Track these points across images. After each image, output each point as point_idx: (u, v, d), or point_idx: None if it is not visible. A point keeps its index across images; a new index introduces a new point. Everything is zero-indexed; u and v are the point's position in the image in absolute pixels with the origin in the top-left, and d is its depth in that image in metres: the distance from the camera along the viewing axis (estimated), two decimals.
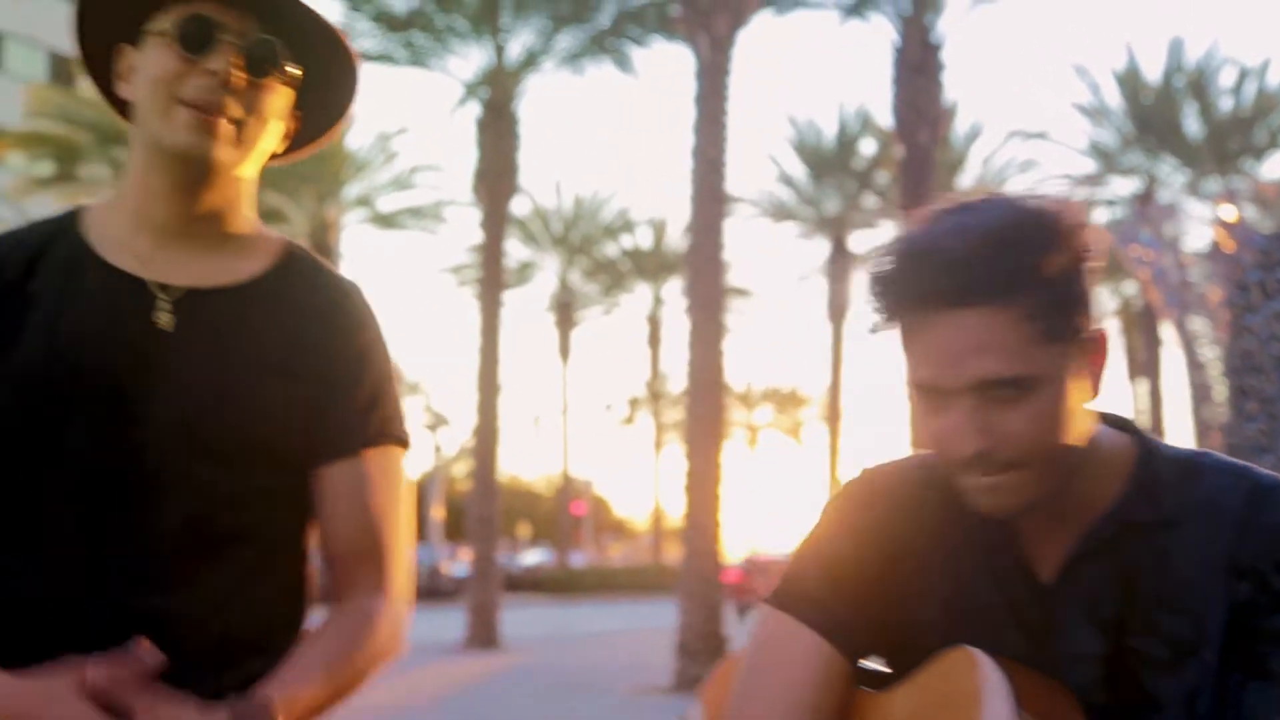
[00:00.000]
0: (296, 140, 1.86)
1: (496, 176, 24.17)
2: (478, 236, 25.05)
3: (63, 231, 1.76)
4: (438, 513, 58.76)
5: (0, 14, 47.40)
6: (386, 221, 44.47)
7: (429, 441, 66.32)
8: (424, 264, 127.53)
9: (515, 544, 62.84)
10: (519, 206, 24.17)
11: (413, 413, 76.06)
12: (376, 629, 1.72)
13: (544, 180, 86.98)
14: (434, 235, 48.21)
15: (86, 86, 34.65)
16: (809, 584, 1.62)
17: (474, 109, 24.66)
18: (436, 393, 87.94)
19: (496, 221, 24.30)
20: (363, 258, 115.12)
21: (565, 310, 51.25)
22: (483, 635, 22.63)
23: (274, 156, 1.83)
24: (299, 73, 1.77)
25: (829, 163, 34.10)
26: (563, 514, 54.71)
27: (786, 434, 74.36)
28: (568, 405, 53.26)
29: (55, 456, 1.65)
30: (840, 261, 33.73)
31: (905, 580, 1.61)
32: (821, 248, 35.36)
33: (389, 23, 25.04)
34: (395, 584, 1.77)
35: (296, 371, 1.74)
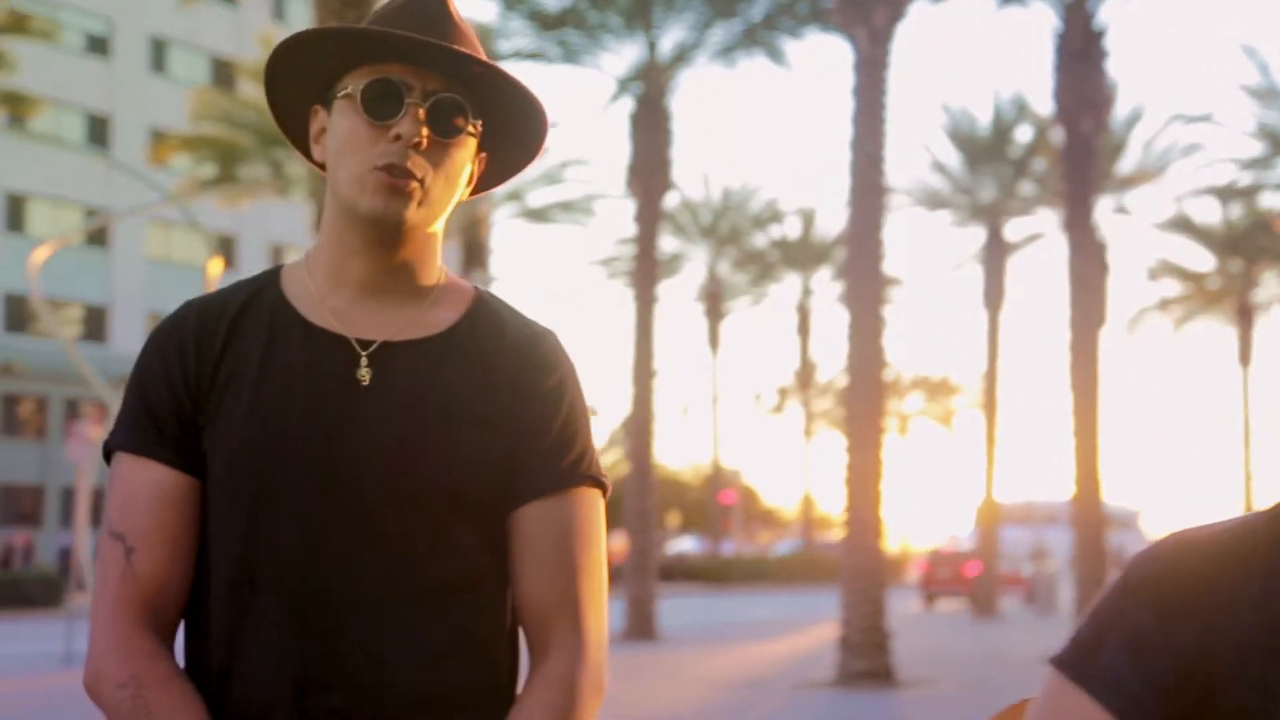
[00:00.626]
0: (482, 183, 1.89)
1: (649, 171, 24.25)
2: (628, 229, 25.19)
3: (262, 291, 1.81)
4: None
5: (163, 21, 48.79)
6: (537, 216, 44.89)
7: None
8: (572, 257, 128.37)
9: (665, 533, 63.02)
10: (668, 199, 24.23)
11: None
12: (582, 697, 1.71)
13: (692, 172, 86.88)
14: (583, 228, 48.35)
15: (247, 89, 35.52)
16: (1108, 657, 1.51)
17: (626, 104, 24.79)
18: (586, 383, 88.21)
19: (650, 216, 24.39)
20: (513, 252, 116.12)
21: (714, 301, 51.24)
22: (641, 627, 22.77)
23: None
24: (480, 125, 1.79)
25: (984, 150, 33.55)
26: (712, 503, 54.74)
27: (937, 422, 73.51)
28: (717, 395, 53.19)
29: (269, 515, 1.70)
30: (996, 249, 33.19)
31: (1216, 661, 1.48)
32: (976, 235, 34.81)
33: (542, 21, 25.25)
34: (592, 637, 1.75)
35: (491, 418, 1.75)
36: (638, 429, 23.90)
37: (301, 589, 1.69)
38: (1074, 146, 21.30)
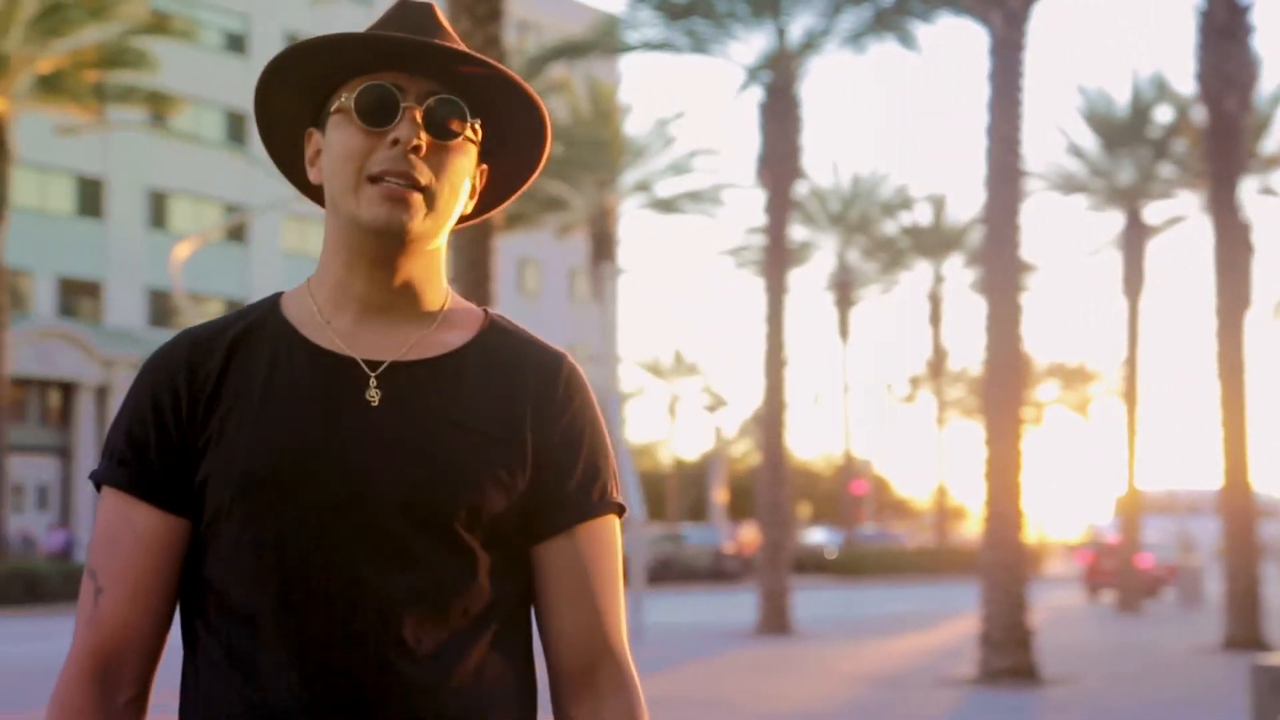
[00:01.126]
0: (486, 198, 1.83)
1: (779, 160, 24.07)
2: (756, 218, 25.04)
3: (262, 315, 1.76)
4: (720, 495, 59.07)
5: (298, 18, 49.66)
6: (665, 206, 44.89)
7: (709, 423, 66.62)
8: (700, 246, 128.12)
9: (796, 524, 62.74)
10: (797, 187, 23.91)
11: (692, 394, 76.64)
12: None
13: (820, 159, 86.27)
14: (711, 218, 48.21)
15: None
16: None
17: (755, 93, 24.62)
18: (715, 373, 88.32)
19: (780, 205, 24.21)
20: (640, 242, 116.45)
21: (844, 289, 50.81)
22: (774, 621, 22.62)
23: (464, 219, 1.79)
24: (480, 128, 1.75)
25: (1122, 132, 32.72)
26: (843, 493, 54.35)
27: (1073, 410, 72.21)
28: (848, 384, 52.76)
29: (283, 541, 1.65)
30: (1135, 233, 32.37)
31: None
32: (1114, 220, 33.95)
33: (670, 11, 25.17)
34: (633, 673, 1.75)
35: (512, 439, 1.70)
36: (769, 420, 23.75)
37: (320, 615, 1.64)
38: (1217, 126, 20.69)
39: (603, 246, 42.31)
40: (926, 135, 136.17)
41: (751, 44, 29.10)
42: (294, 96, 1.77)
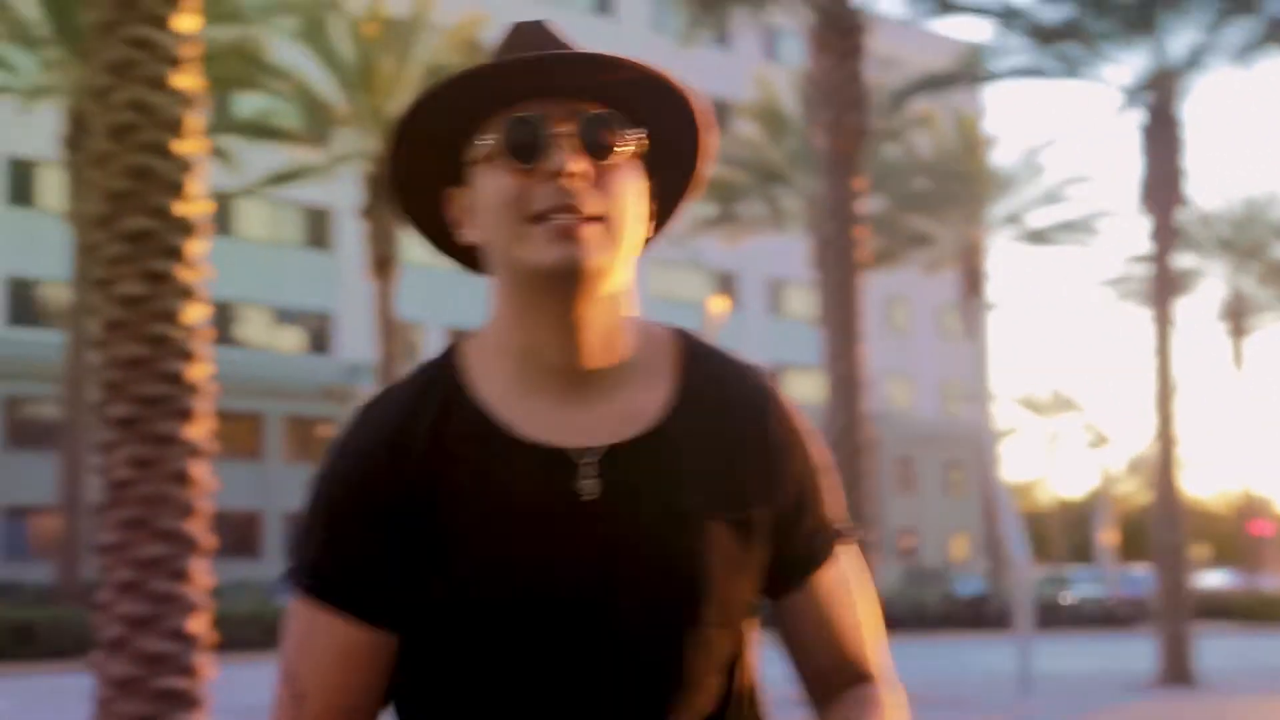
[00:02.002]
0: (659, 216, 1.64)
1: (1161, 185, 22.94)
2: (1135, 247, 23.89)
3: (451, 399, 1.56)
4: (1106, 536, 56.61)
5: (660, 63, 50.89)
6: (1037, 237, 43.57)
7: (1091, 461, 64.20)
8: (1075, 278, 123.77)
9: (1191, 566, 59.55)
10: (1182, 212, 22.81)
11: (1073, 431, 73.96)
12: (881, 704, 1.61)
13: (1205, 182, 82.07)
14: (1086, 248, 46.48)
15: (743, 129, 36.28)
16: None
17: (1131, 116, 23.56)
18: (1095, 409, 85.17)
19: (1164, 232, 23.04)
20: (1012, 275, 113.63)
21: (1237, 318, 48.05)
22: (1175, 670, 21.39)
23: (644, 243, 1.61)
24: (644, 138, 1.56)
25: None
26: (1242, 534, 51.25)
27: None
28: (1244, 418, 49.78)
29: (533, 674, 1.52)
30: None
31: None
32: None
33: (1041, 35, 24.41)
34: (894, 688, 1.65)
35: (740, 518, 1.56)
36: (1161, 457, 22.56)
37: None
38: None
39: (972, 281, 41.35)
40: None
41: (1126, 64, 27.94)
42: (425, 155, 1.58)
